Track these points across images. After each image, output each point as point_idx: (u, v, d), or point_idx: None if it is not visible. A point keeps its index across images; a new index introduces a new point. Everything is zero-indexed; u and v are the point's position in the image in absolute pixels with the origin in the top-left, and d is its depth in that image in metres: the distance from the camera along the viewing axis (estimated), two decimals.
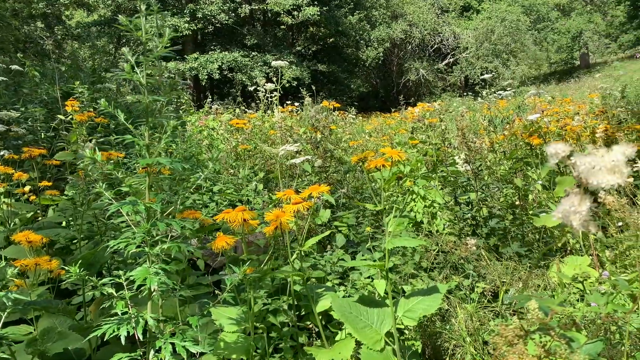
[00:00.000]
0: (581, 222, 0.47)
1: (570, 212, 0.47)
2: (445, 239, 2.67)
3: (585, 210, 0.47)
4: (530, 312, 0.62)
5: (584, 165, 0.46)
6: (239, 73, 18.22)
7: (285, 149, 1.65)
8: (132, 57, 1.00)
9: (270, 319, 1.88)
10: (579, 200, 0.47)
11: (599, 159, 0.47)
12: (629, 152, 0.47)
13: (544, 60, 24.67)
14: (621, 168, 0.47)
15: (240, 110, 6.19)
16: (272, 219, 1.42)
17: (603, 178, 0.46)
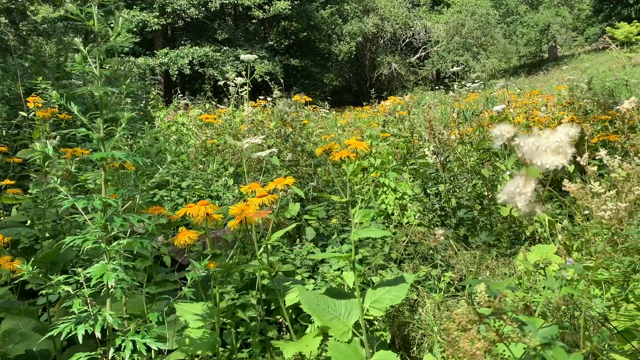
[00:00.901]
0: (526, 203, 0.47)
1: (515, 194, 0.47)
2: (415, 230, 2.69)
3: (530, 192, 0.47)
4: (478, 295, 0.62)
5: (527, 146, 0.46)
6: (210, 68, 18.02)
7: (250, 142, 1.63)
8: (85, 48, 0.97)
9: (239, 314, 1.86)
10: (524, 182, 0.47)
11: (543, 139, 0.47)
12: (572, 132, 0.47)
13: (513, 53, 25.04)
14: (565, 149, 0.46)
15: (211, 105, 6.13)
16: (236, 212, 1.40)
17: (547, 159, 0.46)
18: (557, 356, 0.66)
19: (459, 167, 3.67)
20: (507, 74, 21.89)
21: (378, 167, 3.56)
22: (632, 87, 9.44)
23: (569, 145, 0.46)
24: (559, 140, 0.46)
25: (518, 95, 8.71)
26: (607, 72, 13.34)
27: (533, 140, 0.46)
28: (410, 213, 3.15)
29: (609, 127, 4.39)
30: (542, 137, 0.47)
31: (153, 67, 17.61)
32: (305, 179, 2.91)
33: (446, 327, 0.65)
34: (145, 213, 1.86)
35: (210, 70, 17.87)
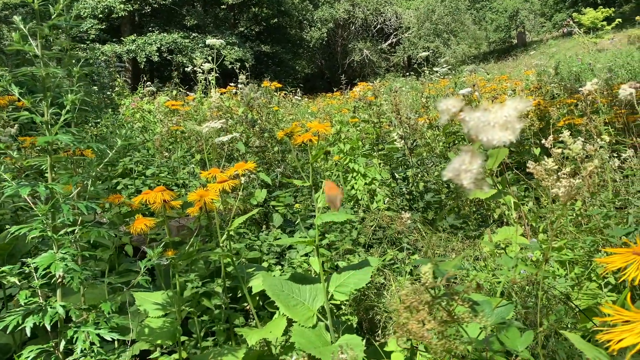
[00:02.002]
0: (472, 180, 0.45)
1: (460, 171, 0.45)
2: (383, 215, 2.69)
3: (476, 169, 0.45)
4: (422, 276, 0.61)
5: (473, 121, 0.44)
6: (179, 55, 17.69)
7: (210, 126, 1.58)
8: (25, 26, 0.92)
9: (205, 302, 1.83)
10: (470, 159, 0.45)
11: (490, 114, 0.45)
12: (521, 106, 0.45)
13: (483, 39, 25.25)
14: (514, 124, 0.45)
15: (178, 92, 6.01)
16: (195, 199, 1.36)
17: (494, 134, 0.44)
18: (509, 335, 0.66)
19: (429, 151, 3.69)
20: (477, 59, 22.08)
21: (347, 153, 3.55)
22: (598, 71, 9.62)
23: (518, 120, 0.45)
24: (506, 115, 0.45)
25: (488, 80, 8.79)
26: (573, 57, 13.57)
27: (479, 115, 0.45)
28: (380, 198, 3.15)
29: (574, 110, 4.46)
30: (489, 111, 0.45)
31: (120, 54, 17.20)
32: (273, 165, 2.88)
33: (395, 309, 0.64)
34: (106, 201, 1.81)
35: (179, 57, 17.54)
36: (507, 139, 0.44)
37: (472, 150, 0.45)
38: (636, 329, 0.45)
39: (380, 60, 24.72)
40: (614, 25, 19.48)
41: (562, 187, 0.81)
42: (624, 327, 0.46)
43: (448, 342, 0.62)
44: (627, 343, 0.44)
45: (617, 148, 3.07)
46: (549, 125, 4.06)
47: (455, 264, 0.67)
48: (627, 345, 0.44)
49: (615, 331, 0.46)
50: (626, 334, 0.45)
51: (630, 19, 20.05)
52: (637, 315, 0.47)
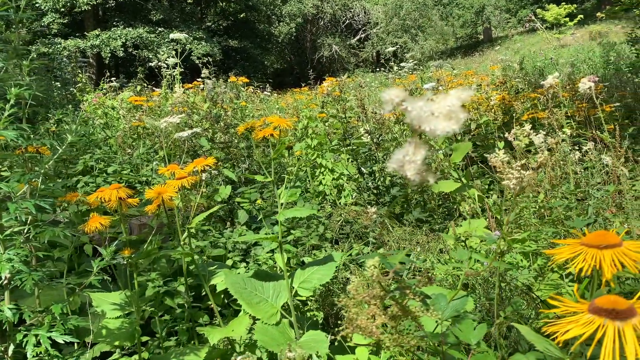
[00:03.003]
0: (416, 172, 0.44)
1: (404, 162, 0.44)
2: (350, 209, 2.68)
3: (420, 160, 0.44)
4: (368, 270, 0.60)
5: (415, 111, 0.43)
6: (145, 50, 17.36)
7: (168, 121, 1.55)
8: None
9: (167, 301, 1.80)
10: (413, 150, 0.44)
11: (434, 104, 0.44)
12: (464, 96, 0.44)
13: (450, 35, 25.53)
14: (458, 114, 0.44)
15: (143, 87, 5.90)
16: (153, 196, 1.33)
17: (438, 124, 0.43)
18: (463, 328, 0.66)
19: (396, 146, 3.70)
20: (444, 55, 22.32)
21: (315, 148, 3.54)
22: (561, 66, 9.83)
23: (461, 110, 0.44)
24: (450, 104, 0.44)
25: (455, 75, 8.90)
26: (537, 53, 13.84)
27: (421, 105, 0.44)
28: (347, 193, 3.15)
29: (538, 104, 4.54)
30: (432, 101, 0.44)
31: (84, 49, 16.78)
32: (239, 161, 2.84)
33: (344, 304, 0.63)
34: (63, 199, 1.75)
35: (145, 52, 17.22)
36: (450, 128, 0.44)
37: (415, 141, 0.44)
38: (581, 320, 0.45)
39: (349, 55, 24.77)
40: (576, 21, 19.95)
41: (513, 178, 0.81)
42: (570, 318, 0.46)
43: (400, 336, 0.61)
44: (572, 334, 0.44)
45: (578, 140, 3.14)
46: (513, 119, 4.13)
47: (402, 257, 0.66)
48: (573, 336, 0.44)
49: (562, 323, 0.46)
50: (572, 325, 0.45)
51: (591, 15, 20.55)
52: (583, 307, 0.47)
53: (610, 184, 2.56)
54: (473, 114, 4.49)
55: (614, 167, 2.62)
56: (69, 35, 17.38)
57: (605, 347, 0.42)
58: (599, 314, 0.45)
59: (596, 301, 0.46)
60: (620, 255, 0.49)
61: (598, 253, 0.50)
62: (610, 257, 0.49)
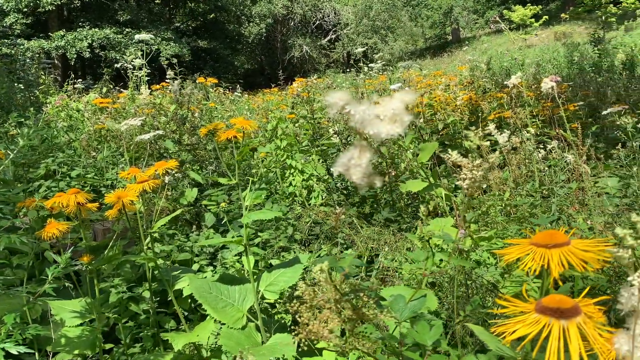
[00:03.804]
0: (362, 175, 0.44)
1: (350, 166, 0.44)
2: (320, 210, 2.68)
3: (366, 163, 0.44)
4: (314, 274, 0.60)
5: (358, 114, 0.43)
6: (113, 51, 17.05)
7: (129, 124, 1.52)
8: None
9: (132, 307, 1.76)
10: (359, 153, 0.44)
11: (377, 108, 0.44)
12: (408, 99, 0.44)
13: (419, 35, 25.79)
14: (402, 116, 0.44)
15: (109, 89, 5.79)
16: (113, 200, 1.30)
17: (382, 127, 0.43)
18: (419, 329, 0.66)
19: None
20: (414, 55, 22.55)
21: (284, 149, 3.52)
22: (527, 66, 10.01)
23: (406, 112, 0.44)
24: (394, 107, 0.44)
25: (424, 76, 8.98)
26: (504, 53, 14.08)
27: (364, 108, 0.43)
28: (317, 194, 3.14)
29: (504, 104, 4.61)
30: (376, 105, 0.44)
31: (48, 50, 16.38)
32: (207, 163, 2.81)
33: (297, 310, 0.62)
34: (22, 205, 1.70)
35: (113, 53, 16.91)
36: (395, 132, 0.43)
37: (361, 144, 0.44)
38: (528, 320, 0.46)
39: (320, 56, 24.80)
40: (542, 22, 20.39)
41: (466, 179, 0.82)
42: (518, 318, 0.47)
43: (356, 339, 0.61)
44: (519, 334, 0.44)
45: (542, 139, 3.20)
46: (479, 118, 4.19)
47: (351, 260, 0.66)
48: (520, 336, 0.44)
49: (510, 322, 0.46)
50: (519, 325, 0.45)
51: (556, 16, 21.05)
52: (530, 306, 0.48)
53: (573, 182, 2.62)
54: (441, 114, 4.54)
55: (576, 164, 2.68)
56: (33, 36, 16.94)
57: (550, 346, 0.42)
58: (544, 313, 0.45)
59: (542, 300, 0.46)
60: (567, 254, 0.50)
61: (546, 252, 0.51)
62: (558, 256, 0.50)
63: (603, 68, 7.87)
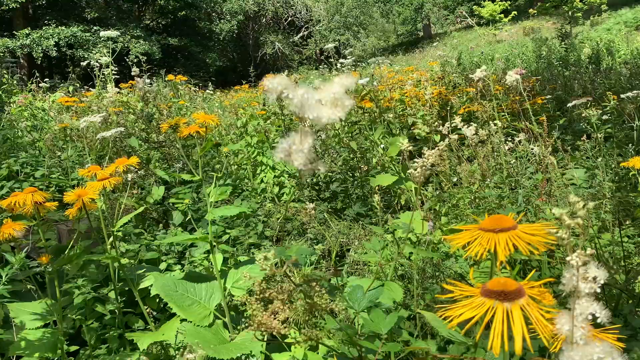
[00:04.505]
0: (304, 161, 0.43)
1: (291, 152, 0.43)
2: (291, 206, 2.67)
3: (308, 149, 0.43)
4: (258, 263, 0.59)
5: (297, 99, 0.42)
6: (80, 49, 16.70)
7: (88, 120, 1.48)
8: None
9: (99, 308, 1.73)
10: (300, 139, 0.43)
11: (317, 92, 0.43)
12: (347, 83, 0.44)
13: (391, 32, 25.94)
14: (343, 101, 0.43)
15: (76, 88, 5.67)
16: (72, 199, 1.27)
17: (323, 112, 0.42)
18: (374, 318, 0.66)
19: (338, 142, 3.72)
20: (386, 52, 22.65)
21: (255, 146, 3.50)
22: (497, 61, 10.14)
23: (347, 97, 0.43)
24: (334, 92, 0.43)
25: (397, 72, 9.03)
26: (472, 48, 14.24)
27: (302, 92, 0.43)
28: (289, 190, 3.13)
29: (473, 98, 4.66)
30: (316, 89, 0.44)
31: (13, 49, 15.96)
32: (175, 160, 2.77)
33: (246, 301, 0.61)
34: None
35: (81, 52, 16.55)
36: (336, 116, 0.43)
37: (302, 129, 0.43)
38: (474, 303, 0.46)
39: (292, 53, 24.73)
40: (510, 17, 20.70)
41: (417, 167, 0.82)
42: (464, 302, 0.47)
43: (310, 330, 0.60)
44: (464, 317, 0.44)
45: (507, 132, 3.25)
46: (450, 112, 4.22)
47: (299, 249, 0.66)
48: (465, 319, 0.44)
49: (457, 307, 0.46)
50: (465, 309, 0.45)
51: (524, 12, 21.38)
52: (476, 290, 0.48)
53: (538, 173, 2.66)
54: (412, 109, 4.57)
55: (543, 156, 2.73)
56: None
57: (494, 328, 0.42)
58: (489, 296, 0.45)
59: (488, 284, 0.46)
60: (514, 238, 0.50)
61: (493, 237, 0.51)
62: (505, 240, 0.50)
63: (570, 62, 8.02)
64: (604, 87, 5.44)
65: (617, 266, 1.99)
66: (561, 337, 0.41)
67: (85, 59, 15.08)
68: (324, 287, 0.62)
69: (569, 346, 0.39)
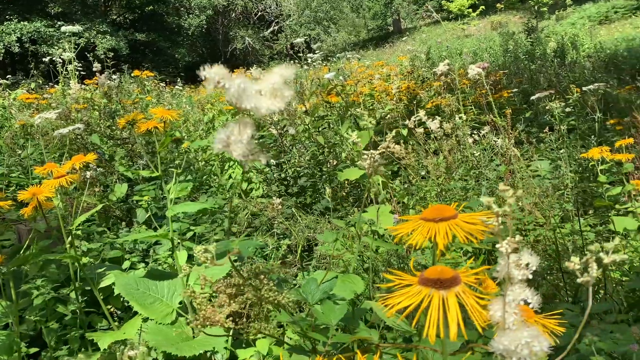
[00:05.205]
0: (243, 152, 0.43)
1: (230, 142, 0.43)
2: (258, 202, 2.66)
3: (247, 139, 0.43)
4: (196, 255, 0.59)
5: (233, 88, 0.42)
6: (44, 45, 16.26)
7: (43, 117, 1.45)
8: None
9: (60, 309, 1.69)
10: (238, 130, 0.43)
11: (256, 82, 0.43)
12: (287, 74, 0.43)
13: (362, 27, 26.00)
14: (283, 91, 0.43)
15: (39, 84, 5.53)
16: (27, 197, 1.24)
17: (262, 102, 0.42)
18: (324, 310, 0.66)
19: (309, 137, 3.72)
20: (357, 46, 22.70)
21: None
22: (465, 55, 10.27)
23: (286, 87, 0.43)
24: (273, 82, 0.43)
25: (367, 66, 9.06)
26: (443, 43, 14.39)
27: (239, 82, 0.42)
28: (257, 185, 3.12)
29: (439, 92, 4.71)
30: (256, 80, 0.43)
31: None
32: (139, 157, 2.73)
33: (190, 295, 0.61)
34: None
35: (44, 48, 16.12)
36: (275, 107, 0.43)
37: (241, 120, 0.43)
38: (412, 292, 0.46)
39: (263, 47, 24.58)
40: (479, 12, 20.97)
41: (367, 159, 0.83)
42: (403, 290, 0.47)
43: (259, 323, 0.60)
44: (402, 305, 0.45)
45: (472, 125, 3.29)
46: (417, 106, 4.26)
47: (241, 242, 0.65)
48: (402, 307, 0.45)
49: (395, 295, 0.47)
50: (403, 297, 0.46)
51: (492, 6, 21.68)
52: (414, 279, 0.48)
53: (502, 165, 2.71)
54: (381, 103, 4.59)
55: (507, 148, 2.77)
56: None
57: (429, 316, 0.43)
58: (426, 284, 0.46)
59: (425, 272, 0.47)
60: (453, 227, 0.51)
61: (434, 226, 0.52)
62: (445, 229, 0.51)
63: (536, 56, 8.17)
64: (568, 80, 5.56)
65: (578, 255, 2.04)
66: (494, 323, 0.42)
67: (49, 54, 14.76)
68: (272, 280, 0.62)
69: (501, 332, 0.40)
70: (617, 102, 4.69)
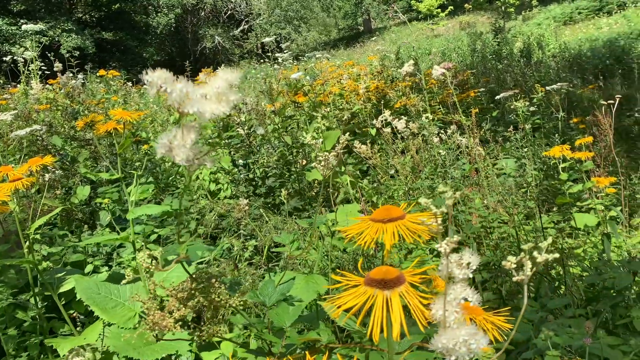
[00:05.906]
0: (186, 156, 0.43)
1: (173, 147, 0.43)
2: (225, 202, 2.64)
3: (190, 143, 0.43)
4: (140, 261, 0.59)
5: (175, 93, 0.42)
6: (7, 44, 15.81)
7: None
8: None
9: (19, 315, 1.66)
10: (182, 134, 0.43)
11: (200, 87, 0.43)
12: (231, 78, 0.43)
13: (332, 26, 26.06)
14: (228, 96, 0.43)
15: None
16: None
17: (207, 106, 0.42)
18: (279, 312, 0.66)
19: (278, 137, 3.71)
20: (328, 46, 22.75)
21: None
22: (434, 55, 10.39)
23: (231, 91, 0.43)
24: (217, 86, 0.43)
25: (338, 66, 9.09)
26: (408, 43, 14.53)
27: (181, 87, 0.42)
28: (226, 186, 3.10)
29: (406, 92, 4.75)
30: (199, 84, 0.43)
31: None
32: (102, 159, 2.68)
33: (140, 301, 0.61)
34: None
35: (7, 46, 15.67)
36: (220, 111, 0.43)
37: (184, 124, 0.43)
38: (358, 292, 0.47)
39: (233, 47, 24.40)
40: (447, 12, 21.24)
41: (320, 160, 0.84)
42: (350, 291, 0.48)
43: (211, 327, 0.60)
44: (348, 306, 0.45)
45: (438, 124, 3.34)
46: (385, 106, 4.29)
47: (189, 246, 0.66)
48: (348, 307, 0.45)
49: (342, 295, 0.47)
50: (349, 298, 0.46)
51: (461, 7, 22.00)
52: (361, 280, 0.49)
53: (466, 164, 2.75)
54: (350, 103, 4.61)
55: (471, 147, 2.82)
56: None
57: (373, 316, 0.44)
58: (371, 284, 0.47)
59: (371, 273, 0.48)
60: (400, 228, 0.52)
61: (382, 227, 0.53)
62: (392, 229, 0.52)
63: (503, 56, 8.31)
64: (534, 79, 5.67)
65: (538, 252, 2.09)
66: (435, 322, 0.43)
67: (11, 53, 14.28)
68: (224, 283, 0.62)
69: (442, 330, 0.41)
70: (580, 101, 4.82)
